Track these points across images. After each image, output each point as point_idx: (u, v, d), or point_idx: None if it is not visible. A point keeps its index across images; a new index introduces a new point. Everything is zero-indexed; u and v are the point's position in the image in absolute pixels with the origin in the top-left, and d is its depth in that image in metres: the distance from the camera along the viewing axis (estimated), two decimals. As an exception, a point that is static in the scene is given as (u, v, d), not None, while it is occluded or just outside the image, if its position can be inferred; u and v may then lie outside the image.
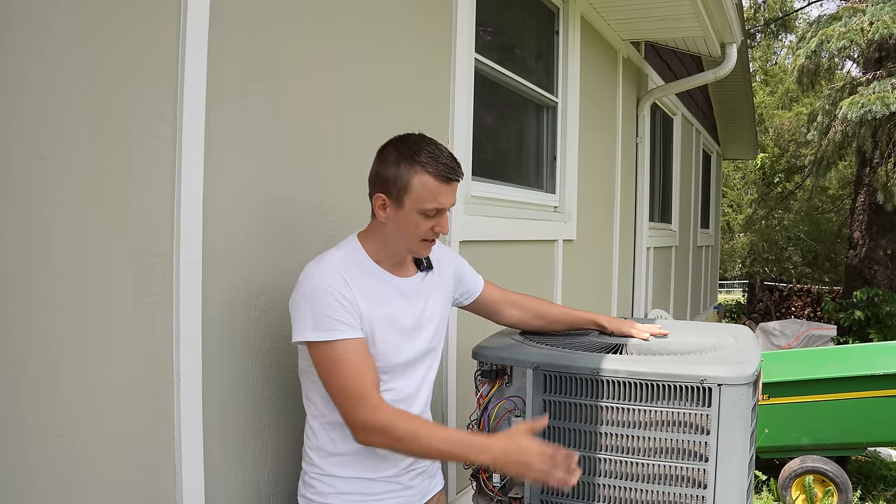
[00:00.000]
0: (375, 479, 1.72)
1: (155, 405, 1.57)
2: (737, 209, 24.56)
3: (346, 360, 1.58)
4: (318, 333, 1.58)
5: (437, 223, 1.66)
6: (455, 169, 1.66)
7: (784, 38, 20.51)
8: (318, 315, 1.58)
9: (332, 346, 1.58)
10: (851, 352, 5.00)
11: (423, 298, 1.80)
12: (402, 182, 1.63)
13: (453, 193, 1.68)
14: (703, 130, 10.13)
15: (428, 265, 1.85)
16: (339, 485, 1.71)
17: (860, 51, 10.32)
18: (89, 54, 1.40)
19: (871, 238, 11.34)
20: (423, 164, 1.62)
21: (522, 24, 3.96)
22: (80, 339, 1.40)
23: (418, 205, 1.63)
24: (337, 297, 1.60)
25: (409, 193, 1.63)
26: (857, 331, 10.36)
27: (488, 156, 3.56)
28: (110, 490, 1.47)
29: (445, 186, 1.64)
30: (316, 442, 1.73)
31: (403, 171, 1.63)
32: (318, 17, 2.06)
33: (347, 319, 1.60)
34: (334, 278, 1.62)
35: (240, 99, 1.78)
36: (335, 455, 1.71)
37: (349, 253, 1.71)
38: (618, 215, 5.48)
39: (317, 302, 1.59)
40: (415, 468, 1.80)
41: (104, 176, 1.44)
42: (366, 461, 1.71)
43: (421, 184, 1.62)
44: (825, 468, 4.48)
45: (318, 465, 1.72)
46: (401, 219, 1.66)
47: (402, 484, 1.77)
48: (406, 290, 1.76)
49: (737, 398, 1.72)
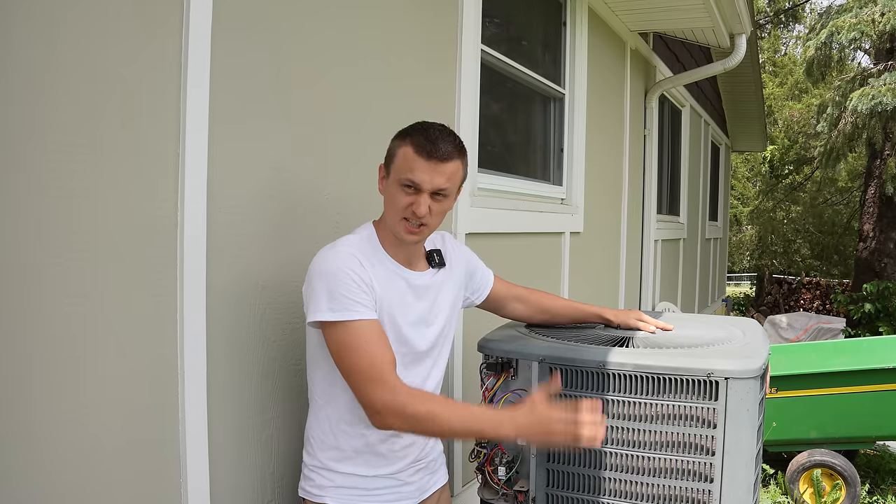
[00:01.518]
0: (373, 476, 1.72)
1: (160, 398, 1.57)
2: (744, 201, 24.45)
3: (362, 340, 1.55)
4: (334, 313, 1.55)
5: (414, 201, 1.62)
6: (440, 147, 1.61)
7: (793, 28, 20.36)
8: (333, 294, 1.55)
9: (348, 326, 1.56)
10: (860, 345, 4.96)
11: (433, 295, 1.79)
12: (392, 151, 1.68)
13: (435, 175, 1.61)
14: (711, 122, 10.07)
15: (440, 262, 1.82)
16: (336, 479, 1.70)
17: (871, 42, 10.23)
18: (93, 46, 1.39)
19: (881, 231, 11.26)
20: (410, 136, 1.64)
21: (529, 14, 3.93)
22: (85, 332, 1.40)
23: (397, 174, 1.64)
24: (353, 276, 1.57)
25: (394, 162, 1.66)
26: (867, 324, 10.31)
27: (495, 148, 3.54)
28: (117, 483, 1.47)
29: (424, 162, 1.60)
30: (318, 434, 1.72)
31: (397, 142, 1.67)
32: (322, 9, 2.04)
33: (363, 300, 1.58)
34: (350, 259, 1.60)
35: (244, 90, 1.78)
36: (335, 449, 1.70)
37: (365, 238, 1.70)
38: (625, 207, 5.46)
39: (332, 282, 1.56)
40: (415, 465, 1.79)
41: (108, 169, 1.43)
42: (363, 457, 1.71)
43: (402, 153, 1.64)
44: (833, 462, 4.46)
45: (318, 457, 1.72)
46: (387, 190, 1.68)
47: (401, 480, 1.76)
48: (416, 284, 1.75)
49: (744, 392, 1.70)
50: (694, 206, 8.84)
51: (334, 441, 1.70)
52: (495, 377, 1.98)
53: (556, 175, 4.23)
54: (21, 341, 1.29)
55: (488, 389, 1.98)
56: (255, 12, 1.81)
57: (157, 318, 1.55)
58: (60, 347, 1.35)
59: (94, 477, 1.43)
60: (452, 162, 1.64)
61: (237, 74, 1.75)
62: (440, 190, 1.63)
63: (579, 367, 1.83)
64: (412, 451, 1.78)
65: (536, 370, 1.89)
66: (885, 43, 10.10)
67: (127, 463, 1.49)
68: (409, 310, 1.71)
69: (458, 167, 1.67)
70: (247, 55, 1.78)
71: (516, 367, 1.94)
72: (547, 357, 1.88)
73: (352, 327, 1.56)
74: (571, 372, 1.85)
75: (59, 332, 1.35)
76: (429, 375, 1.80)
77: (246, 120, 1.78)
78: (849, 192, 19.01)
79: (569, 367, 1.85)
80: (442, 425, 1.53)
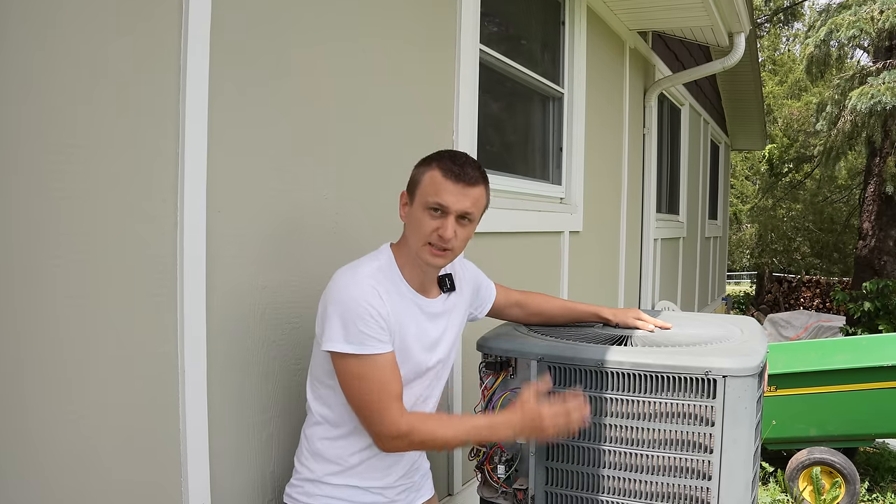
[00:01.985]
0: (364, 488, 1.73)
1: (160, 398, 1.57)
2: (744, 200, 24.45)
3: (374, 373, 1.59)
4: (350, 346, 1.57)
5: (440, 225, 1.63)
6: (468, 172, 1.64)
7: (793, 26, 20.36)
8: (350, 328, 1.57)
9: (362, 359, 1.58)
10: (860, 343, 4.96)
11: (445, 320, 1.81)
12: (418, 178, 1.68)
13: (462, 199, 1.63)
14: (711, 121, 10.07)
15: (451, 287, 1.83)
16: (326, 489, 1.72)
17: (870, 39, 10.23)
18: (92, 48, 1.40)
19: (880, 229, 11.26)
20: (437, 161, 1.67)
21: (528, 14, 3.94)
22: (85, 333, 1.40)
23: (423, 198, 1.64)
24: (371, 312, 1.58)
25: (420, 187, 1.66)
26: (867, 322, 10.30)
27: (494, 147, 3.55)
28: (117, 483, 1.48)
29: (452, 185, 1.62)
30: (311, 446, 1.73)
31: (422, 168, 1.69)
32: (321, 9, 2.05)
33: (380, 335, 1.59)
34: (369, 291, 1.60)
35: (243, 93, 1.78)
36: (331, 463, 1.71)
37: (384, 267, 1.69)
38: (625, 206, 5.46)
39: (349, 314, 1.57)
40: (404, 483, 1.82)
41: (108, 170, 1.44)
42: (358, 469, 1.72)
43: (429, 177, 1.65)
44: (833, 460, 4.46)
45: (313, 468, 1.73)
46: (412, 215, 1.68)
47: (389, 498, 1.78)
48: (430, 312, 1.76)
49: (742, 390, 1.71)
50: (693, 204, 8.85)
51: (330, 455, 1.71)
52: (494, 376, 1.98)
53: (555, 174, 4.24)
54: (19, 343, 1.29)
55: (487, 388, 1.99)
56: (255, 11, 1.81)
57: (157, 319, 1.56)
58: (59, 348, 1.36)
59: (93, 479, 1.43)
60: (478, 187, 1.67)
61: (237, 77, 1.76)
62: (466, 213, 1.65)
63: (577, 366, 1.84)
64: (403, 464, 1.80)
65: (535, 369, 1.89)
66: (884, 41, 10.10)
67: (127, 464, 1.50)
68: (423, 335, 1.73)
69: (482, 193, 1.69)
70: (246, 56, 1.79)
71: (515, 365, 1.95)
72: (545, 356, 1.88)
73: (366, 361, 1.58)
74: (570, 370, 1.85)
75: (58, 334, 1.36)
76: (432, 388, 1.82)
77: (245, 121, 1.79)
78: (848, 189, 19.02)
79: (567, 366, 1.86)
80: (443, 443, 1.65)
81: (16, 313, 1.28)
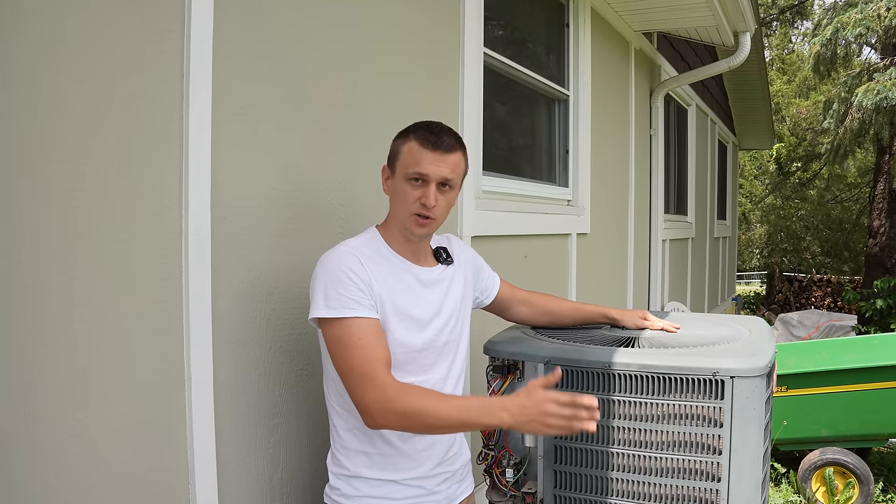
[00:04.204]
0: (401, 481, 1.70)
1: (167, 404, 1.58)
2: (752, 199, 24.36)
3: (355, 338, 1.58)
4: (330, 310, 1.58)
5: (422, 194, 1.66)
6: (443, 139, 1.67)
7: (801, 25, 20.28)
8: (329, 292, 1.59)
9: (343, 323, 1.58)
10: (871, 342, 4.93)
11: (443, 289, 1.80)
12: (396, 150, 1.72)
13: (441, 165, 1.66)
14: (718, 121, 10.04)
15: (447, 258, 1.85)
16: (363, 487, 1.69)
17: (877, 37, 10.18)
18: (95, 55, 1.40)
19: (891, 226, 11.19)
20: (413, 132, 1.70)
21: (531, 17, 3.94)
22: (92, 340, 1.41)
23: (404, 170, 1.68)
24: (350, 275, 1.60)
25: (399, 160, 1.70)
26: (879, 320, 10.23)
27: (500, 150, 3.55)
28: (125, 490, 1.48)
29: (430, 153, 1.65)
30: (340, 441, 1.72)
31: (400, 141, 1.72)
32: (324, 13, 2.06)
33: (360, 298, 1.60)
34: (349, 258, 1.63)
35: (246, 97, 1.79)
36: (362, 454, 1.69)
37: (367, 240, 1.73)
38: (632, 208, 5.45)
39: (330, 279, 1.60)
40: (442, 472, 1.78)
41: (113, 178, 1.45)
42: (391, 460, 1.69)
43: (407, 148, 1.68)
44: (846, 460, 4.43)
45: (345, 465, 1.71)
46: (394, 189, 1.71)
47: (428, 489, 1.75)
48: (425, 278, 1.76)
49: (750, 390, 1.70)
50: (702, 205, 8.82)
51: (359, 446, 1.70)
52: (502, 379, 1.98)
53: (562, 177, 4.23)
54: (27, 350, 1.30)
55: (495, 392, 1.99)
56: (260, 7, 1.82)
57: (163, 325, 1.56)
58: (66, 356, 1.36)
59: (101, 486, 1.44)
60: (455, 153, 1.70)
61: (241, 80, 1.77)
62: (446, 180, 1.68)
63: (585, 368, 1.83)
64: (437, 451, 1.76)
65: (542, 371, 1.89)
66: (891, 38, 10.05)
67: (135, 471, 1.50)
68: (419, 302, 1.72)
69: (460, 159, 1.72)
70: (249, 61, 1.79)
71: (522, 368, 1.95)
72: (552, 358, 1.88)
73: (346, 324, 1.58)
74: (577, 373, 1.85)
75: (65, 341, 1.36)
76: (449, 373, 1.79)
77: (250, 125, 1.80)
78: (858, 187, 18.92)
79: (574, 368, 1.85)
80: (433, 419, 1.51)
81: (24, 320, 1.29)
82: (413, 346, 1.69)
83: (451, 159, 1.68)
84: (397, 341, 1.67)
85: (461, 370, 1.85)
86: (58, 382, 1.35)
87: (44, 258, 1.32)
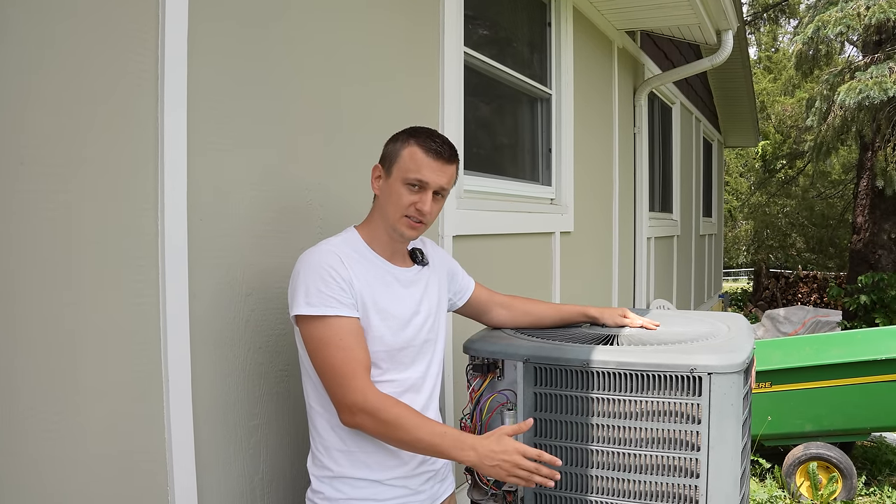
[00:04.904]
0: (385, 481, 1.70)
1: (145, 406, 1.57)
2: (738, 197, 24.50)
3: (336, 337, 1.59)
4: (311, 308, 1.59)
5: (419, 199, 1.69)
6: (446, 150, 1.71)
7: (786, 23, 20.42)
8: (310, 290, 1.60)
9: (324, 322, 1.59)
10: (855, 337, 4.97)
11: (420, 289, 1.81)
12: (395, 153, 1.73)
13: (441, 175, 1.70)
14: (703, 118, 10.09)
15: (423, 259, 1.86)
16: (347, 489, 1.68)
17: (858, 35, 10.25)
18: (69, 56, 1.40)
19: (874, 222, 11.28)
20: (416, 138, 1.72)
21: (513, 16, 3.94)
22: (67, 342, 1.40)
23: (403, 173, 1.69)
24: (332, 273, 1.61)
25: (398, 162, 1.71)
26: (863, 315, 10.32)
27: (482, 150, 3.55)
28: (102, 489, 1.47)
29: (432, 162, 1.68)
30: (321, 441, 1.71)
31: (399, 144, 1.73)
32: (303, 14, 2.05)
33: (341, 297, 1.61)
34: (330, 256, 1.65)
35: (223, 99, 1.78)
36: (343, 452, 1.69)
37: (346, 240, 1.75)
38: (616, 206, 5.47)
39: (311, 277, 1.61)
40: (425, 471, 1.78)
41: (86, 179, 1.44)
42: (374, 458, 1.69)
43: (409, 153, 1.70)
44: (829, 454, 4.47)
45: (327, 465, 1.70)
46: (388, 188, 1.72)
47: (412, 489, 1.75)
48: (403, 278, 1.78)
49: (727, 386, 1.71)
50: (687, 202, 8.86)
51: (341, 444, 1.69)
52: (481, 378, 1.98)
53: (545, 175, 4.24)
54: (6, 353, 1.29)
55: (475, 390, 1.99)
56: (237, 7, 1.81)
57: (140, 328, 1.56)
58: (44, 359, 1.36)
59: (79, 489, 1.43)
60: (454, 164, 1.74)
61: (217, 81, 1.76)
62: (442, 189, 1.72)
63: (563, 366, 1.84)
64: None
65: (521, 370, 1.89)
66: (871, 35, 10.13)
67: (113, 473, 1.49)
68: (399, 302, 1.73)
69: (455, 170, 1.76)
70: (226, 61, 1.79)
71: (502, 367, 1.95)
72: (531, 357, 1.88)
73: (327, 323, 1.59)
74: (556, 371, 1.85)
75: (43, 344, 1.35)
76: (427, 372, 1.81)
77: (227, 129, 1.79)
78: (842, 184, 19.06)
79: (553, 367, 1.86)
80: (408, 435, 1.56)
81: (4, 322, 1.28)
82: (394, 343, 1.71)
83: (450, 170, 1.73)
84: (379, 339, 1.67)
85: (439, 369, 1.86)
86: (34, 383, 1.34)
87: (15, 261, 1.31)
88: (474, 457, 1.54)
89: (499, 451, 1.54)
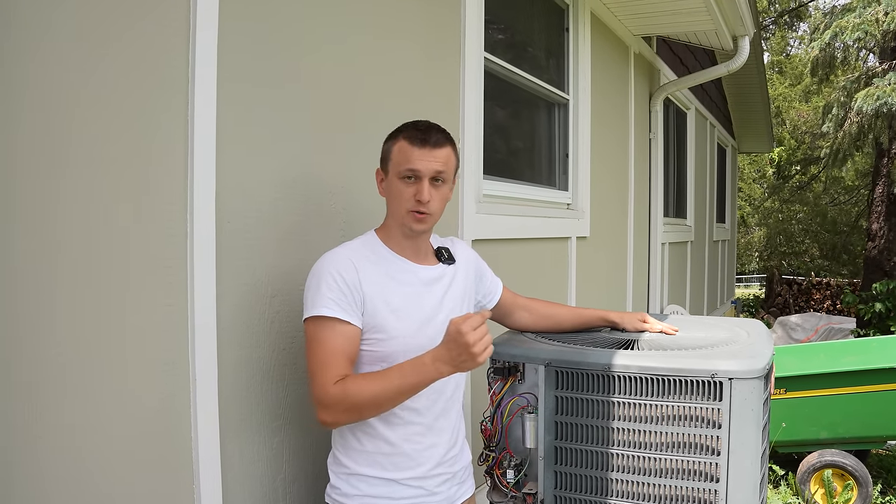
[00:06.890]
0: (401, 481, 1.71)
1: (172, 407, 1.59)
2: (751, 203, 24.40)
3: (320, 336, 1.62)
4: (310, 309, 1.63)
5: (416, 190, 1.70)
6: (431, 135, 1.71)
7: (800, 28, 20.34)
8: (315, 293, 1.64)
9: (316, 320, 1.62)
10: (870, 344, 4.95)
11: (444, 287, 1.82)
12: (387, 152, 1.76)
13: (431, 161, 1.69)
14: (717, 124, 10.07)
15: (449, 258, 1.87)
16: (363, 486, 1.71)
17: (875, 41, 10.21)
18: (94, 56, 1.42)
19: (889, 229, 11.22)
20: (402, 132, 1.74)
21: (532, 21, 3.96)
22: (94, 343, 1.42)
23: (396, 168, 1.72)
24: (336, 276, 1.64)
25: (391, 160, 1.74)
26: (878, 323, 10.26)
27: (500, 154, 3.57)
28: (130, 488, 1.50)
29: (418, 150, 1.69)
30: (341, 440, 1.74)
31: (390, 143, 1.76)
32: (326, 21, 2.08)
33: (340, 301, 1.63)
34: (341, 260, 1.67)
35: (251, 104, 1.81)
36: (361, 452, 1.71)
37: (364, 241, 1.77)
38: (632, 211, 5.47)
39: (317, 280, 1.65)
40: (442, 473, 1.79)
41: (116, 182, 1.46)
42: (391, 459, 1.71)
43: (398, 148, 1.73)
44: (844, 462, 4.45)
45: (345, 463, 1.73)
46: (389, 187, 1.75)
47: (428, 490, 1.76)
48: (425, 277, 1.78)
49: (748, 392, 1.72)
50: (701, 208, 8.85)
51: (359, 445, 1.71)
52: (502, 381, 2.00)
53: (562, 180, 4.25)
54: (29, 354, 1.31)
55: (496, 394, 2.01)
56: (264, 15, 1.84)
57: (168, 328, 1.58)
58: (68, 361, 1.38)
59: (105, 488, 1.45)
60: (444, 148, 1.73)
61: (242, 93, 1.79)
62: (438, 174, 1.72)
63: (585, 370, 1.85)
64: (437, 452, 1.77)
65: (542, 373, 1.91)
66: (889, 42, 10.08)
67: (140, 471, 1.52)
68: (417, 300, 1.74)
69: (450, 153, 1.75)
70: (253, 68, 1.82)
71: (523, 370, 1.97)
72: (553, 360, 1.90)
73: (318, 322, 1.62)
74: (577, 375, 1.87)
75: (67, 346, 1.38)
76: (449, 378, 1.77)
77: (254, 135, 1.82)
78: (856, 191, 18.95)
79: (574, 370, 1.87)
80: (373, 398, 1.56)
81: (24, 325, 1.31)
82: (415, 342, 1.70)
83: (441, 154, 1.72)
84: (397, 338, 1.69)
85: (456, 387, 1.86)
86: (58, 387, 1.37)
87: (44, 263, 1.34)
88: (445, 367, 1.51)
89: (453, 346, 1.48)
